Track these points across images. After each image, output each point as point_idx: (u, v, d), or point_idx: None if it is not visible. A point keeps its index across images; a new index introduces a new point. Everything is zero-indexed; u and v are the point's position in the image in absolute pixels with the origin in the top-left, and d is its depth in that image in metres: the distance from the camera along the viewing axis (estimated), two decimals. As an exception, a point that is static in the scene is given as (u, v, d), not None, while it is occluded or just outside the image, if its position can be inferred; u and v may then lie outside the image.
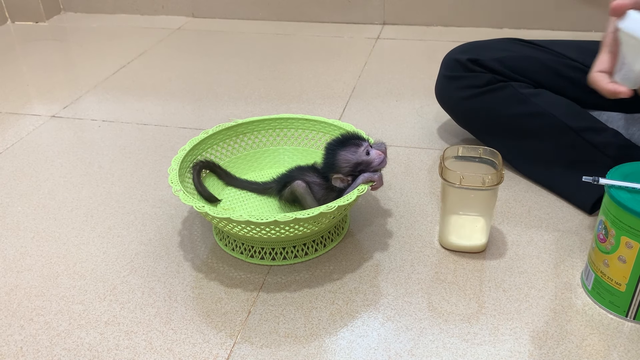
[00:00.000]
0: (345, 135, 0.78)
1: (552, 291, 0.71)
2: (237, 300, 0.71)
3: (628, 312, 0.66)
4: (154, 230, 0.85)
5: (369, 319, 0.68)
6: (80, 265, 0.78)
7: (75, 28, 1.82)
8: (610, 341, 0.64)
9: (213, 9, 1.85)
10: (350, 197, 0.70)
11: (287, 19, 1.81)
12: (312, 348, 0.64)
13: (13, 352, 0.65)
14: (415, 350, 0.63)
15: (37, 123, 1.20)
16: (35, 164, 1.04)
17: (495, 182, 0.70)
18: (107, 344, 0.65)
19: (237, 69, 1.45)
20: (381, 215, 0.86)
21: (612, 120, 0.92)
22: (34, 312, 0.70)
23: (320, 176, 0.79)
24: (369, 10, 1.74)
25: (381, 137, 1.08)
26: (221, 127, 0.89)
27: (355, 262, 0.77)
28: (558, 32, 1.61)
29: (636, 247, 0.61)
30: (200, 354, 0.64)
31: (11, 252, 0.81)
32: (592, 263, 0.68)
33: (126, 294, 0.72)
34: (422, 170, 0.98)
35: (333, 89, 1.31)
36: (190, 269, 0.76)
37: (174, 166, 0.78)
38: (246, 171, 0.93)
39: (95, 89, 1.36)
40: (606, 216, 0.64)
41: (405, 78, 1.36)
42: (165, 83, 1.38)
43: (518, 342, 0.64)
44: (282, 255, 0.76)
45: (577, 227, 0.82)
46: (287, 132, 0.93)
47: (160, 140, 1.11)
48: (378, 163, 0.74)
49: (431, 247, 0.79)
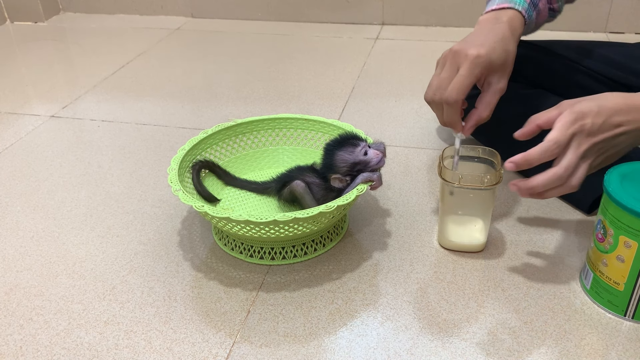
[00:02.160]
0: (343, 135, 0.78)
1: (550, 290, 0.71)
2: (236, 299, 0.71)
3: (626, 312, 0.66)
4: (154, 229, 0.85)
5: (368, 318, 0.68)
6: (80, 264, 0.78)
7: (75, 28, 1.82)
8: (608, 340, 0.64)
9: (212, 10, 1.85)
10: (350, 197, 0.70)
11: (286, 19, 1.81)
12: (312, 347, 0.64)
13: (13, 352, 0.65)
14: (415, 350, 0.63)
15: (36, 123, 1.20)
16: (34, 164, 1.04)
17: (494, 182, 0.70)
18: (106, 344, 0.65)
19: (236, 69, 1.45)
20: (380, 215, 0.86)
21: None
22: (34, 311, 0.70)
23: (319, 176, 0.79)
24: (367, 10, 1.74)
25: (380, 137, 1.08)
26: (220, 127, 0.89)
27: (355, 261, 0.77)
28: (557, 32, 1.61)
29: (634, 246, 0.61)
30: (199, 353, 0.64)
31: (10, 252, 0.81)
32: (590, 262, 0.69)
33: (125, 294, 0.73)
34: (421, 170, 0.98)
35: (332, 89, 1.31)
36: (189, 269, 0.76)
37: (174, 166, 0.78)
38: (245, 171, 0.93)
39: (94, 89, 1.36)
40: (605, 216, 0.64)
41: (404, 78, 1.36)
42: (164, 83, 1.38)
43: (517, 341, 0.64)
44: (281, 255, 0.77)
45: (576, 226, 0.82)
46: (286, 132, 0.93)
47: (160, 140, 1.11)
48: (376, 163, 0.74)
49: (430, 247, 0.79)
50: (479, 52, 0.70)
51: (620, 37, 1.58)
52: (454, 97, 0.70)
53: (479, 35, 0.74)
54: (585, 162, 0.65)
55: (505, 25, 0.74)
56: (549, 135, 0.65)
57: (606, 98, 0.67)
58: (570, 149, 0.65)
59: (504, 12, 0.76)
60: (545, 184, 0.66)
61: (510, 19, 0.76)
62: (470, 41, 0.72)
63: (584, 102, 0.66)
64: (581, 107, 0.65)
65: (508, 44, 0.73)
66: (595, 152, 0.66)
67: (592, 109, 0.65)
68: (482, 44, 0.71)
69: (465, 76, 0.70)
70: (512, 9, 0.77)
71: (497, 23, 0.75)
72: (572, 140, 0.65)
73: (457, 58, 0.71)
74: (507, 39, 0.74)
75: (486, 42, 0.71)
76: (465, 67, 0.70)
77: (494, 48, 0.71)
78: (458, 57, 0.71)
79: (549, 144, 0.65)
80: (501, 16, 0.76)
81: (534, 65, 0.94)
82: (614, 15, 1.59)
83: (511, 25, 0.75)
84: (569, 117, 0.65)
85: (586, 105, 0.65)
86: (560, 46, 0.96)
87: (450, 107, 0.71)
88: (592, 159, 0.66)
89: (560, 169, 0.65)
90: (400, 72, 1.40)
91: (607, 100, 0.66)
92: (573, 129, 0.64)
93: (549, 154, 0.65)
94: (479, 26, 0.77)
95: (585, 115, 0.64)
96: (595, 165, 0.67)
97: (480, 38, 0.73)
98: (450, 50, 0.72)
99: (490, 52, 0.70)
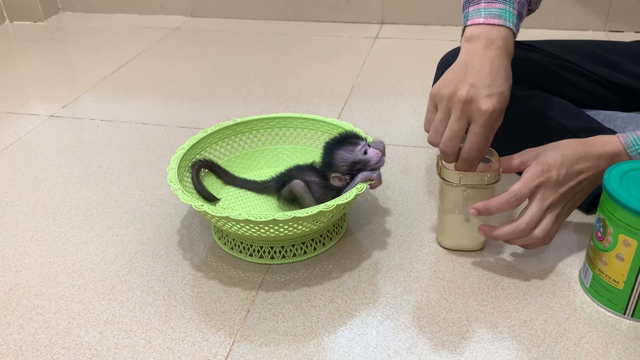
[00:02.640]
0: (343, 134, 0.78)
1: (550, 289, 0.71)
2: (236, 299, 0.71)
3: (626, 310, 0.66)
4: (153, 229, 0.85)
5: (367, 317, 0.68)
6: (80, 264, 0.78)
7: (74, 28, 1.82)
8: (608, 339, 0.64)
9: (212, 9, 1.85)
10: (349, 196, 0.70)
11: (286, 19, 1.81)
12: (311, 346, 0.64)
13: (12, 351, 0.65)
14: (414, 349, 0.63)
15: (35, 122, 1.20)
16: (34, 164, 1.04)
17: (493, 181, 0.70)
18: (106, 343, 0.65)
19: (235, 69, 1.45)
20: (380, 214, 0.86)
21: (609, 119, 0.92)
22: (33, 311, 0.70)
23: (319, 175, 0.79)
24: (367, 9, 1.74)
25: (380, 136, 1.08)
26: (220, 126, 0.89)
27: (354, 260, 0.77)
28: (556, 32, 1.62)
29: (634, 245, 0.61)
30: (199, 352, 0.64)
31: (10, 252, 0.81)
32: (590, 261, 0.69)
33: (125, 293, 0.73)
34: (420, 169, 0.98)
35: (332, 88, 1.31)
36: (189, 268, 0.76)
37: (173, 165, 0.78)
38: (245, 170, 0.93)
39: (93, 89, 1.36)
40: (604, 214, 0.64)
41: (403, 77, 1.36)
42: (163, 82, 1.38)
43: (516, 339, 0.64)
44: (281, 254, 0.77)
45: (575, 225, 0.82)
46: (285, 131, 0.93)
47: (159, 140, 1.11)
48: (375, 162, 0.75)
49: (430, 246, 0.79)
50: (493, 107, 0.64)
51: (620, 36, 1.58)
52: (475, 156, 0.67)
53: (480, 71, 0.66)
54: (552, 213, 0.68)
55: (502, 53, 0.68)
56: (512, 187, 0.68)
57: (567, 146, 0.69)
58: (534, 201, 0.68)
59: (496, 31, 0.69)
60: (506, 235, 0.69)
61: (505, 41, 0.69)
62: (474, 82, 0.65)
63: (548, 153, 0.68)
64: (546, 159, 0.67)
65: (509, 83, 0.68)
66: (562, 201, 0.68)
67: (556, 160, 0.67)
68: (491, 92, 0.65)
69: (482, 134, 0.66)
70: (503, 26, 0.70)
71: (492, 48, 0.68)
72: (536, 193, 0.67)
73: (469, 111, 0.65)
74: (509, 70, 0.69)
75: (493, 86, 0.65)
76: (479, 125, 0.65)
77: (502, 94, 0.66)
78: (470, 110, 0.65)
79: (509, 195, 0.67)
80: (494, 37, 0.69)
81: (531, 67, 0.94)
82: (613, 14, 1.59)
83: (507, 51, 0.69)
84: (534, 170, 0.67)
85: (550, 156, 0.67)
86: (555, 47, 0.96)
87: (469, 163, 0.69)
88: (559, 209, 0.68)
89: (522, 223, 0.68)
90: (399, 71, 1.40)
91: (567, 148, 0.68)
92: (538, 181, 0.67)
93: (508, 205, 0.67)
94: (473, 49, 0.69)
95: (551, 167, 0.67)
96: (563, 213, 0.70)
97: (485, 78, 0.66)
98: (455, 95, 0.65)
99: (501, 102, 0.66)
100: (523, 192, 0.67)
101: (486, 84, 0.65)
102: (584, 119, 0.87)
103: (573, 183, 0.67)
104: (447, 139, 0.67)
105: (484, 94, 0.65)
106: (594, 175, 0.68)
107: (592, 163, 0.68)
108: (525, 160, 0.70)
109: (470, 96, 0.65)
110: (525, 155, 0.70)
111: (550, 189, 0.66)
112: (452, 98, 0.66)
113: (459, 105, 0.65)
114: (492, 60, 0.67)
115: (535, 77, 0.94)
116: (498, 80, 0.66)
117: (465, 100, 0.65)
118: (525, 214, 0.68)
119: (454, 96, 0.65)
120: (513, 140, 0.90)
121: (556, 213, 0.68)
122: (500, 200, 0.67)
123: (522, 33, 0.77)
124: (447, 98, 0.66)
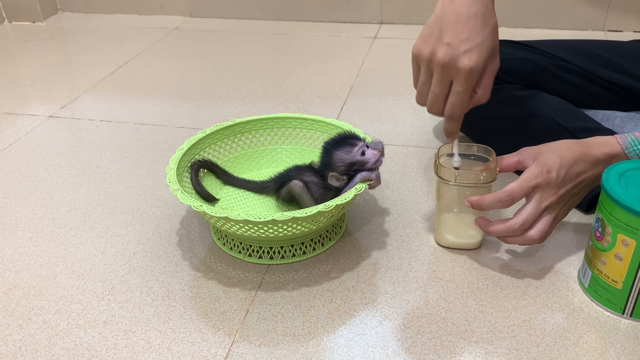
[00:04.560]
0: (341, 134, 0.78)
1: (549, 289, 0.71)
2: (235, 299, 0.71)
3: (625, 310, 0.66)
4: (152, 229, 0.85)
5: (367, 317, 0.68)
6: (79, 264, 0.78)
7: (73, 28, 1.82)
8: (607, 338, 0.64)
9: (210, 9, 1.85)
10: (348, 196, 0.70)
11: (285, 19, 1.81)
12: (311, 347, 0.64)
13: (12, 352, 0.65)
14: (413, 348, 0.63)
15: (34, 123, 1.20)
16: (33, 164, 1.04)
17: (490, 180, 0.70)
18: (105, 343, 0.65)
19: (234, 69, 1.45)
20: (379, 214, 0.86)
21: (607, 118, 0.93)
22: (33, 311, 0.70)
23: (318, 175, 0.79)
24: (366, 9, 1.74)
25: (378, 136, 1.08)
26: (219, 127, 0.89)
27: (353, 260, 0.77)
28: (555, 31, 1.62)
29: (632, 244, 0.61)
30: (198, 352, 0.64)
31: (9, 252, 0.81)
32: (588, 261, 0.69)
33: (125, 294, 0.73)
34: (419, 168, 0.98)
35: (331, 88, 1.31)
36: (188, 268, 0.76)
37: (172, 165, 0.78)
38: (244, 170, 0.93)
39: (92, 89, 1.36)
40: (603, 214, 0.64)
41: (402, 77, 1.36)
42: (162, 83, 1.38)
43: (515, 339, 0.64)
44: (280, 254, 0.77)
45: (574, 225, 0.82)
46: (284, 132, 0.93)
47: (158, 140, 1.11)
48: (373, 163, 0.74)
49: (429, 245, 0.79)
50: (472, 63, 0.62)
51: (619, 36, 1.58)
52: (458, 114, 0.66)
53: (456, 23, 0.63)
54: (549, 214, 0.68)
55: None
56: (507, 186, 0.68)
57: (565, 147, 0.68)
58: (531, 202, 0.68)
59: None
60: (499, 232, 0.69)
61: None
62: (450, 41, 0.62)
63: (547, 154, 0.68)
64: (545, 160, 0.67)
65: (491, 24, 0.64)
66: (560, 203, 0.68)
67: (555, 161, 0.67)
68: (470, 46, 0.62)
69: (464, 92, 0.64)
70: None
71: None
72: (534, 193, 0.67)
73: (448, 71, 0.63)
74: (488, 12, 0.64)
75: (471, 38, 0.62)
76: (461, 83, 0.63)
77: (482, 44, 0.63)
78: (449, 70, 0.63)
79: (502, 194, 0.67)
80: None
81: (527, 67, 0.94)
82: (612, 13, 1.59)
83: None
84: (534, 171, 0.67)
85: (550, 157, 0.67)
86: (553, 46, 0.96)
87: (454, 121, 0.68)
88: (557, 210, 0.68)
89: (516, 223, 0.68)
90: (398, 71, 1.40)
91: (566, 150, 0.68)
92: (536, 182, 0.66)
93: (500, 204, 0.68)
94: None
95: (551, 169, 0.66)
96: (560, 215, 0.70)
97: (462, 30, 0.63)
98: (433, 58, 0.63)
99: (481, 53, 0.63)
100: (517, 193, 0.67)
101: (463, 38, 0.62)
102: (582, 119, 0.87)
103: (572, 185, 0.67)
104: (432, 103, 0.67)
105: (461, 51, 0.62)
106: (592, 176, 0.69)
107: (591, 164, 0.68)
108: (522, 159, 0.70)
109: (448, 58, 0.62)
110: (522, 155, 0.70)
111: (549, 190, 0.66)
112: (432, 61, 0.64)
113: (438, 69, 0.64)
114: (470, 6, 0.63)
115: (533, 77, 0.94)
116: (475, 29, 0.63)
117: (444, 63, 0.63)
118: (520, 214, 0.68)
119: (433, 59, 0.64)
120: (511, 140, 0.91)
121: (554, 215, 0.68)
122: (492, 198, 0.68)
123: (521, 33, 0.77)
124: (426, 61, 0.65)
